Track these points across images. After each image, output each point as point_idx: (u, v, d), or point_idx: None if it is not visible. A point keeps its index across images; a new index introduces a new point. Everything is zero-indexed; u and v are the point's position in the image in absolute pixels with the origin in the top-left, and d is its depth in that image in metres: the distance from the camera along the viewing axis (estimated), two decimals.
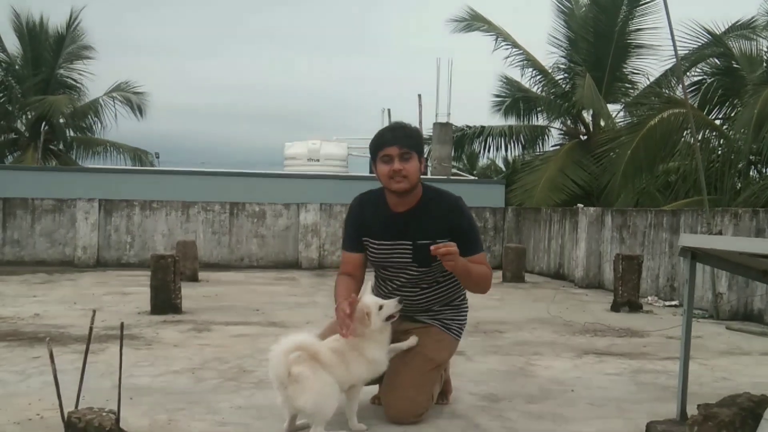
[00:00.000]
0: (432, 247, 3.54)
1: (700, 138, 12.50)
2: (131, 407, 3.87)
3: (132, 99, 22.68)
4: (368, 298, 3.65)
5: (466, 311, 4.08)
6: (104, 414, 3.16)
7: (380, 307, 3.60)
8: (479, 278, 3.77)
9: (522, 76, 19.54)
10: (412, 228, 3.79)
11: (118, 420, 3.19)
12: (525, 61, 18.97)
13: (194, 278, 11.14)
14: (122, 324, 3.48)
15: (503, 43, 18.86)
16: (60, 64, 22.41)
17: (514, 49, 18.93)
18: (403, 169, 3.68)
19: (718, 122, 14.16)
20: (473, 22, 18.98)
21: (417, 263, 3.81)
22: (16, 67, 21.98)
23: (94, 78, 22.97)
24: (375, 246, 3.89)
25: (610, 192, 14.68)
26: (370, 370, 3.63)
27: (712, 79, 14.26)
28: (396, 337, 3.95)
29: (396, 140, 3.71)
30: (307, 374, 3.35)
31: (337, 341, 3.56)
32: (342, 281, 3.86)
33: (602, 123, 17.90)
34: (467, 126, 21.08)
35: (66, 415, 3.14)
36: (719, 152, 13.47)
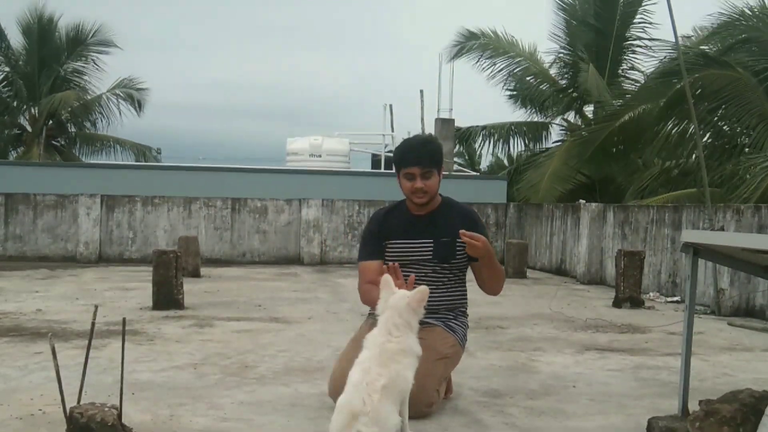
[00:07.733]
0: (461, 231, 3.78)
1: (691, 131, 12.48)
2: (133, 402, 3.88)
3: (134, 95, 22.70)
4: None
5: (467, 322, 4.23)
6: (106, 409, 3.17)
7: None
8: (498, 270, 4.04)
9: (505, 85, 19.74)
10: (434, 227, 4.06)
11: (120, 415, 3.20)
12: (516, 72, 19.15)
13: (196, 274, 11.15)
14: (124, 319, 3.49)
15: (486, 61, 19.10)
16: (68, 62, 22.42)
17: (504, 63, 19.10)
18: (424, 186, 4.00)
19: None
20: (466, 42, 19.17)
21: (437, 259, 4.03)
22: (20, 62, 22.00)
23: (99, 74, 23.05)
24: (397, 245, 4.08)
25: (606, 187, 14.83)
26: (415, 366, 3.29)
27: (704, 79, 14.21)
28: None
29: (419, 161, 4.00)
30: None
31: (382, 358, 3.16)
32: (369, 287, 3.82)
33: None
34: (472, 126, 21.11)
35: (68, 411, 3.15)
36: (706, 143, 13.46)
